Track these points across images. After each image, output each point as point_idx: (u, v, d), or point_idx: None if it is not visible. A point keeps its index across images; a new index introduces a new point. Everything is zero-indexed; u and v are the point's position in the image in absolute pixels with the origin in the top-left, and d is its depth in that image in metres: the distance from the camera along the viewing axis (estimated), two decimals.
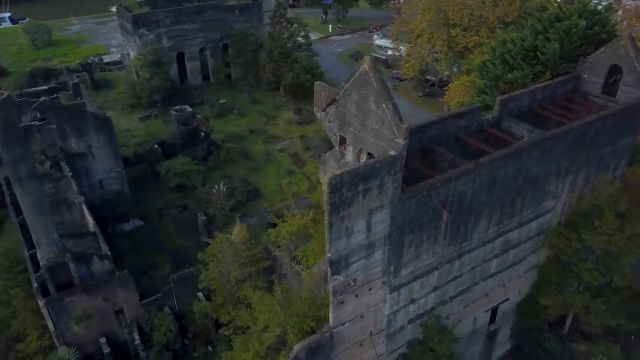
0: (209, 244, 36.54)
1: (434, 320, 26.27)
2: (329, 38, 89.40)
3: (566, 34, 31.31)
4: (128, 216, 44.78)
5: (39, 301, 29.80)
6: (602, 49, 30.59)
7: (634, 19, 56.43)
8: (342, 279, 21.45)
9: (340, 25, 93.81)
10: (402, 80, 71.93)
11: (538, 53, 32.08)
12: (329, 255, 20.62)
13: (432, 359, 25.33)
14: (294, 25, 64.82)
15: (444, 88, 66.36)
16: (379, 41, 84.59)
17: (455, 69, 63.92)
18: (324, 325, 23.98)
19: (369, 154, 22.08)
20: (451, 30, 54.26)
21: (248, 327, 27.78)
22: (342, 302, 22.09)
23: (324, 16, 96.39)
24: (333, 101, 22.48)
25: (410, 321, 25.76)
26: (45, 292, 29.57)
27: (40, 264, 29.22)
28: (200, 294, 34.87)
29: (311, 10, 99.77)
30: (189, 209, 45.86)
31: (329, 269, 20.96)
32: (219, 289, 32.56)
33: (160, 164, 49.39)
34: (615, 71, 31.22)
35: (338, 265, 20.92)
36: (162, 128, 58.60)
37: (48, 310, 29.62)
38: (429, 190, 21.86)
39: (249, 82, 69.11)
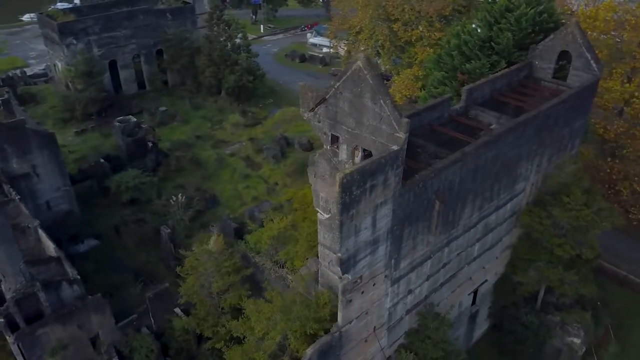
0: (184, 257, 35.57)
1: (429, 308, 26.88)
2: (262, 38, 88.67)
3: (517, 23, 32.98)
4: (81, 236, 42.31)
5: (7, 337, 27.44)
6: (551, 36, 32.48)
7: None
8: (350, 277, 21.44)
9: (271, 25, 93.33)
10: None
11: (493, 43, 33.56)
12: (339, 255, 20.53)
13: (431, 345, 25.87)
14: (231, 27, 63.65)
15: (386, 83, 67.95)
16: (313, 39, 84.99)
17: (395, 64, 65.47)
18: (324, 326, 23.99)
19: (364, 150, 22.18)
20: (392, 26, 55.46)
21: (243, 337, 27.09)
22: (350, 301, 22.08)
23: (254, 17, 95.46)
24: (323, 100, 22.32)
25: (407, 312, 26.20)
26: (13, 327, 27.28)
27: (7, 296, 26.90)
28: (177, 310, 33.55)
29: (239, 12, 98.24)
30: (147, 223, 43.94)
31: (339, 268, 20.87)
32: (200, 302, 31.45)
33: (109, 178, 46.94)
34: (562, 57, 33.33)
35: (347, 264, 20.90)
36: (102, 141, 55.73)
37: (18, 345, 27.35)
38: (424, 182, 22.32)
39: (188, 87, 67.23)
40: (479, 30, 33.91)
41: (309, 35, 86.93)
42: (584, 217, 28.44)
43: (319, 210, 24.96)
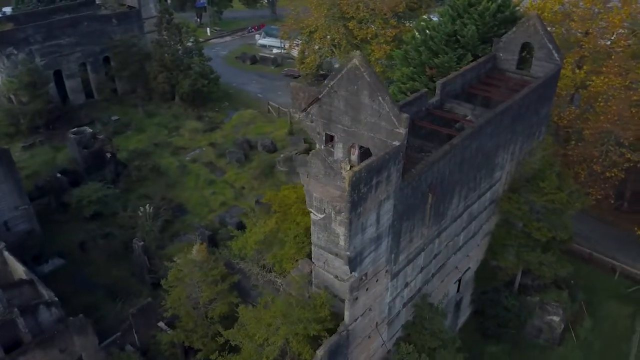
0: (160, 270, 34.61)
1: (424, 299, 27.35)
2: (210, 42, 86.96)
3: (480, 17, 34.09)
4: (45, 256, 40.11)
5: None
6: (513, 29, 33.78)
7: None
8: (356, 275, 21.49)
9: (218, 28, 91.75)
10: (295, 77, 72.56)
11: (458, 37, 34.53)
12: (348, 253, 20.55)
13: (429, 336, 26.35)
14: (182, 31, 62.13)
15: None
16: (262, 40, 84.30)
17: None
18: (326, 326, 23.96)
19: (360, 148, 22.28)
20: (348, 24, 55.96)
21: (236, 345, 26.57)
22: (356, 298, 22.14)
23: (198, 20, 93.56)
24: (316, 100, 22.22)
25: (404, 305, 26.55)
26: None
27: None
28: (161, 324, 32.47)
29: (182, 15, 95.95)
30: (114, 237, 42.16)
31: (347, 267, 20.88)
32: (187, 314, 30.60)
33: (68, 194, 44.76)
34: (524, 48, 34.77)
35: (354, 262, 20.95)
36: (53, 155, 53.12)
37: None
38: (419, 175, 22.69)
39: (140, 94, 65.02)
40: (443, 26, 34.75)
41: (257, 36, 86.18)
42: (559, 200, 29.82)
43: (312, 211, 24.78)
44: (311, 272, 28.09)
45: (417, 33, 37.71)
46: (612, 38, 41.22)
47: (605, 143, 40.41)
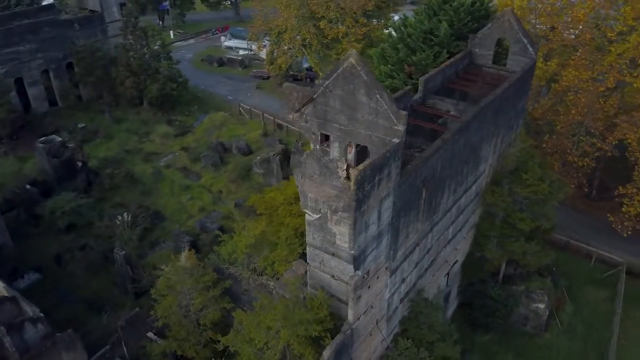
0: (143, 279, 33.91)
1: (419, 294, 27.64)
2: (174, 45, 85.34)
3: (455, 13, 34.71)
4: (20, 271, 38.56)
5: None
6: (489, 24, 34.52)
7: None
8: (360, 273, 21.52)
9: (181, 31, 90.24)
10: (264, 79, 72.17)
11: (433, 35, 35.05)
12: (352, 252, 20.55)
13: (426, 330, 26.65)
14: (149, 34, 60.83)
15: (308, 81, 68.46)
16: (228, 42, 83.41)
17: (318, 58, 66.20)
18: (325, 326, 23.96)
19: (357, 146, 22.34)
20: (318, 23, 55.99)
21: (234, 351, 26.26)
22: (360, 297, 22.17)
23: (161, 23, 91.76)
24: (310, 100, 22.13)
25: (401, 300, 26.76)
26: None
27: None
28: (151, 334, 31.71)
29: (144, 18, 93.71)
30: (92, 248, 40.86)
31: (351, 265, 20.89)
32: (178, 323, 29.98)
33: (39, 205, 43.17)
34: (498, 43, 35.60)
35: (358, 260, 20.96)
36: (19, 166, 51.07)
37: None
38: (415, 171, 22.91)
39: (106, 100, 63.21)
40: (420, 24, 35.19)
41: (222, 38, 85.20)
42: (542, 191, 30.67)
43: (307, 212, 24.78)
44: (306, 273, 28.02)
45: (393, 31, 38.09)
46: (577, 32, 42.63)
47: (576, 134, 41.85)
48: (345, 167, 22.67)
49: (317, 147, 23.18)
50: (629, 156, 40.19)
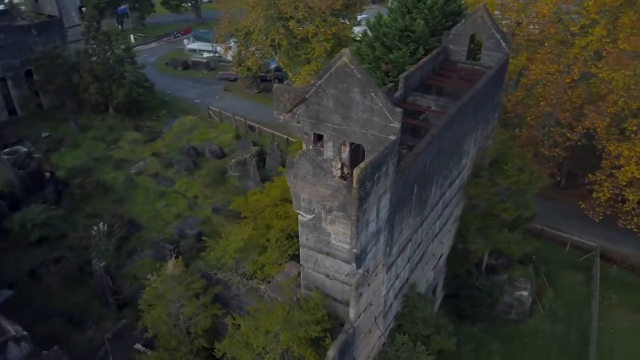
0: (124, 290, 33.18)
1: (412, 289, 27.92)
2: (135, 49, 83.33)
3: (429, 11, 35.22)
4: None
5: None
6: (462, 21, 35.16)
7: None
8: (361, 271, 21.57)
9: (141, 34, 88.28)
10: (231, 80, 71.45)
11: (409, 32, 35.47)
12: (355, 250, 20.55)
13: (421, 324, 26.94)
14: (112, 38, 59.24)
15: (276, 81, 68.02)
16: (191, 45, 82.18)
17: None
18: (324, 326, 23.96)
19: (351, 145, 22.36)
20: (287, 24, 55.74)
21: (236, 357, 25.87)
22: (361, 295, 22.23)
23: (120, 26, 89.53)
24: (302, 100, 22.00)
25: (395, 296, 26.97)
26: None
27: None
28: (138, 346, 30.88)
29: (102, 22, 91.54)
30: (67, 261, 39.51)
31: (354, 264, 20.90)
32: (168, 332, 29.32)
33: (8, 219, 41.46)
34: (472, 39, 36.32)
35: (360, 258, 20.98)
36: None
37: None
38: (408, 167, 23.13)
39: (69, 108, 61.37)
40: (395, 22, 35.56)
41: (185, 41, 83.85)
42: (522, 181, 31.47)
43: (300, 212, 24.68)
44: (299, 274, 27.90)
45: (368, 30, 38.34)
46: (542, 27, 43.94)
47: (546, 125, 43.15)
48: (339, 166, 22.65)
49: (310, 147, 23.07)
50: (597, 144, 41.68)
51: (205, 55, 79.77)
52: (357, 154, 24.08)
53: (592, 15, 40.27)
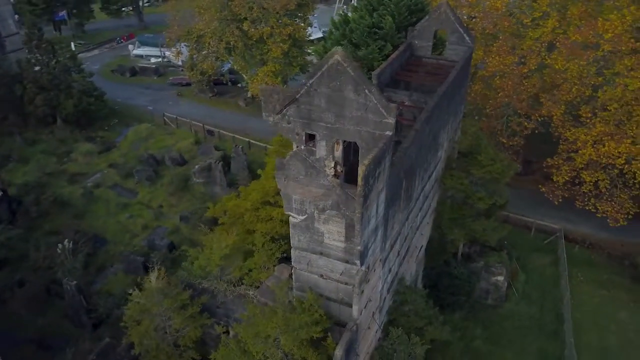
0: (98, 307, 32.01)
1: (402, 283, 28.26)
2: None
3: (396, 7, 35.77)
4: None
5: None
6: (426, 17, 35.90)
7: None
8: (363, 268, 21.64)
9: (82, 41, 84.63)
10: (183, 85, 69.80)
11: (376, 29, 35.88)
12: (359, 247, 20.58)
13: (414, 316, 27.35)
14: (56, 47, 56.49)
15: (230, 84, 67.28)
16: (136, 51, 79.56)
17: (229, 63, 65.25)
18: (323, 326, 23.96)
19: (344, 142, 22.37)
20: (241, 25, 55.13)
21: None
22: (363, 291, 22.29)
23: (58, 34, 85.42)
24: (293, 101, 21.79)
25: (388, 290, 27.22)
26: None
27: None
28: None
29: None
30: (32, 283, 37.39)
31: (357, 261, 20.92)
32: (157, 347, 28.31)
33: None
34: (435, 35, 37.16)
35: (363, 255, 21.05)
36: None
37: None
38: (400, 162, 23.40)
39: (12, 121, 57.93)
40: (362, 19, 35.87)
41: (130, 47, 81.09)
42: (495, 170, 32.54)
43: (291, 214, 24.53)
44: (290, 276, 27.68)
45: (333, 28, 38.47)
46: (495, 20, 45.56)
47: (505, 115, 44.81)
48: (333, 165, 22.61)
49: (302, 147, 22.89)
50: (553, 131, 43.71)
51: (153, 60, 77.51)
52: (348, 152, 24.18)
53: (544, 7, 42.15)
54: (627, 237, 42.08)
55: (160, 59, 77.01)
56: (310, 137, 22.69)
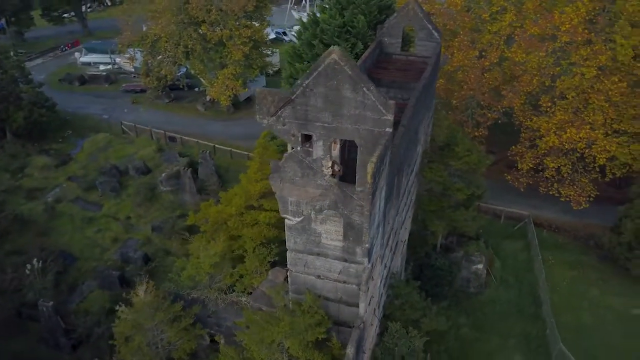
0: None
1: (394, 277, 28.56)
2: None
3: (366, 6, 36.10)
4: None
5: None
6: (395, 14, 36.43)
7: None
8: (369, 266, 21.72)
9: (23, 50, 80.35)
10: (138, 92, 67.67)
11: (348, 28, 36.06)
12: (367, 245, 20.63)
13: (409, 309, 27.72)
14: (1, 57, 53.51)
15: (186, 89, 65.81)
16: (84, 58, 76.40)
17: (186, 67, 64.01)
18: (326, 326, 23.97)
19: (341, 141, 22.37)
20: (200, 28, 54.08)
21: None
22: (368, 289, 22.38)
23: None
24: (288, 102, 21.59)
25: (384, 286, 27.45)
26: None
27: None
28: None
29: None
30: (1, 306, 35.30)
31: (365, 259, 20.97)
32: None
33: None
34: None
35: (370, 253, 21.13)
36: None
37: None
38: (395, 158, 23.65)
39: None
40: (333, 19, 35.95)
41: (77, 54, 77.79)
42: (473, 161, 33.45)
43: (287, 217, 24.39)
44: (285, 279, 27.46)
45: (302, 29, 38.35)
46: (455, 16, 46.80)
47: (469, 107, 46.10)
48: (330, 164, 22.56)
49: (298, 148, 22.70)
50: (514, 121, 45.39)
51: (103, 67, 74.68)
52: (343, 151, 24.17)
53: (501, 2, 43.66)
54: (589, 219, 44.22)
55: (110, 66, 74.33)
56: (306, 138, 22.58)
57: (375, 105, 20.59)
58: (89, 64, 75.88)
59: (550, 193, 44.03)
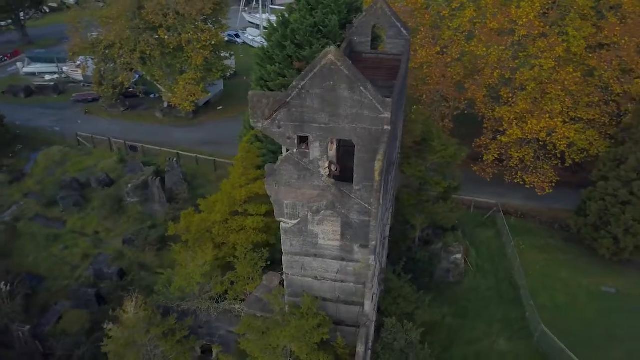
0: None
1: (385, 273, 28.88)
2: None
3: (336, 5, 36.23)
4: None
5: None
6: (363, 13, 36.76)
7: None
8: (374, 263, 21.87)
9: None
10: (90, 101, 65.15)
11: (320, 28, 36.07)
12: (373, 243, 20.75)
13: (403, 302, 28.13)
14: None
15: (142, 96, 64.03)
16: (27, 68, 72.77)
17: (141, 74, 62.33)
18: (329, 326, 24.06)
19: (339, 141, 22.44)
20: (157, 33, 52.66)
21: None
22: (372, 286, 22.53)
23: None
24: (284, 104, 21.43)
25: (378, 281, 27.69)
26: None
27: None
28: None
29: None
30: None
31: (371, 256, 21.09)
32: None
33: None
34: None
35: (375, 250, 21.27)
36: None
37: None
38: (389, 154, 23.92)
39: None
40: (304, 19, 35.85)
41: (19, 64, 73.95)
42: (449, 154, 34.28)
43: (283, 220, 24.34)
44: (280, 283, 27.30)
45: (271, 30, 38.00)
46: (416, 14, 47.73)
47: (435, 102, 47.18)
48: (327, 165, 22.59)
49: (295, 151, 22.59)
50: (477, 112, 46.83)
51: (48, 77, 71.37)
52: (338, 151, 24.25)
53: None
54: (552, 203, 46.21)
55: (57, 75, 71.16)
56: (302, 140, 22.52)
57: (373, 104, 20.82)
58: (33, 74, 72.37)
59: (515, 181, 45.70)
